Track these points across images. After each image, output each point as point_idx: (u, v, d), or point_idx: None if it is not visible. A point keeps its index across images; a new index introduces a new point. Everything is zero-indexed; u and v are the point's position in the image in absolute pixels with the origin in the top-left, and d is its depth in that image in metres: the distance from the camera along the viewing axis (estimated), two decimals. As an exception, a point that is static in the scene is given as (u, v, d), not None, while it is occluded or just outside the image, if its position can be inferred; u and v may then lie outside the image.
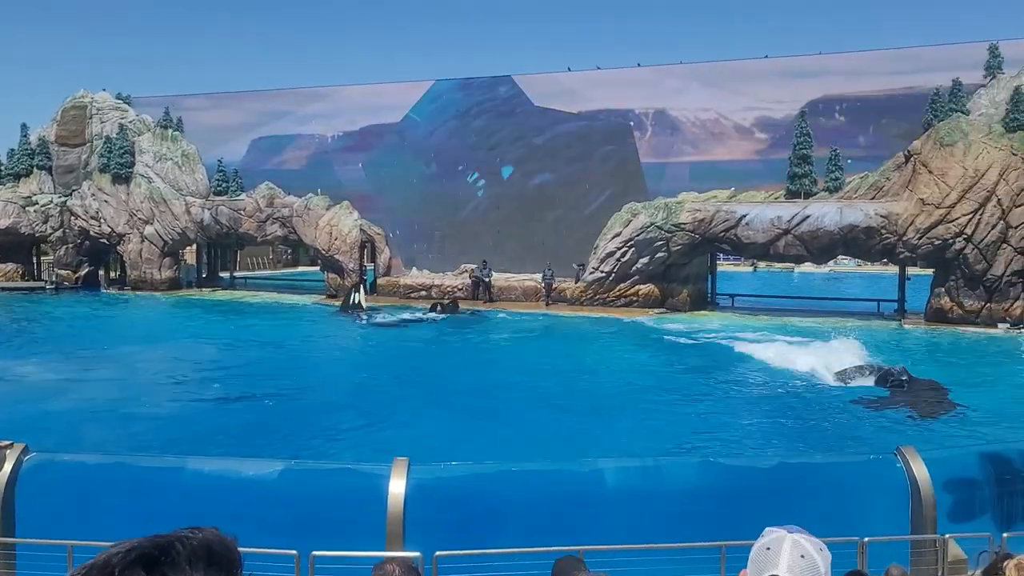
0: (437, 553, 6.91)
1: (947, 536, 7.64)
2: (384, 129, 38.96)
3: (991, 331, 25.69)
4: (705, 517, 7.95)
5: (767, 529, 1.88)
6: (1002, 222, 26.01)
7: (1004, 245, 26.09)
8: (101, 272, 41.92)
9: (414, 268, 37.41)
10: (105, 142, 40.11)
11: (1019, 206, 25.87)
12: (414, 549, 6.81)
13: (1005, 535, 7.01)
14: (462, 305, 32.06)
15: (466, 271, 35.05)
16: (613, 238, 30.74)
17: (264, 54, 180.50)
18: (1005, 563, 2.35)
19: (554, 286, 32.47)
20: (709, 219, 29.31)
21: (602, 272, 31.22)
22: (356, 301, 32.30)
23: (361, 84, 40.76)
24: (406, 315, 30.76)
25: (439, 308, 31.24)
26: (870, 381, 18.16)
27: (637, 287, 31.11)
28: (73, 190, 40.39)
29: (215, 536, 1.05)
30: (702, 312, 31.01)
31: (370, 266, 37.05)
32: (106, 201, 39.32)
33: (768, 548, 1.82)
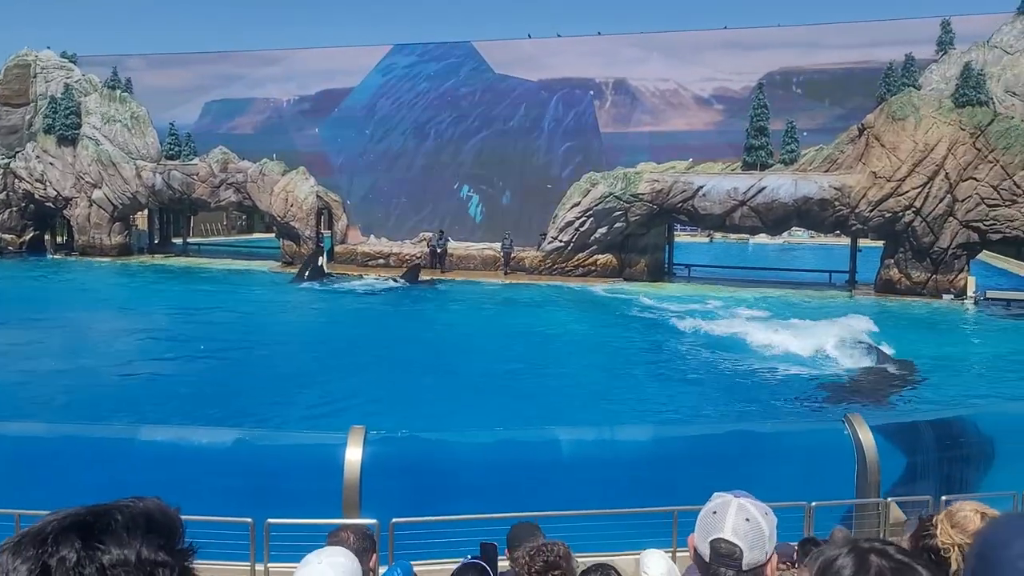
0: (393, 520, 6.95)
1: (889, 499, 7.90)
2: (341, 94, 38.27)
3: (936, 302, 26.44)
4: (658, 483, 8.10)
5: (715, 494, 1.92)
6: (949, 196, 26.64)
7: (950, 218, 26.76)
8: (47, 237, 40.79)
9: (372, 236, 37.06)
10: (50, 102, 38.80)
11: (966, 180, 26.51)
12: (370, 516, 6.83)
13: (944, 498, 7.26)
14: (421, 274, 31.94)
15: (424, 239, 34.85)
16: (572, 208, 30.80)
17: (214, 15, 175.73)
18: (935, 518, 2.43)
19: (513, 255, 32.46)
20: (667, 190, 29.51)
21: (561, 242, 31.31)
22: (321, 264, 32.17)
23: (317, 48, 39.93)
24: (356, 283, 30.65)
25: (398, 279, 31.15)
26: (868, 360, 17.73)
27: (595, 257, 31.27)
28: (16, 152, 39.06)
29: (156, 505, 1.04)
30: (659, 282, 31.30)
31: (327, 233, 36.61)
32: (51, 163, 38.15)
33: (714, 512, 1.87)
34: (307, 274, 31.42)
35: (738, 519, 1.83)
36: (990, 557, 1.15)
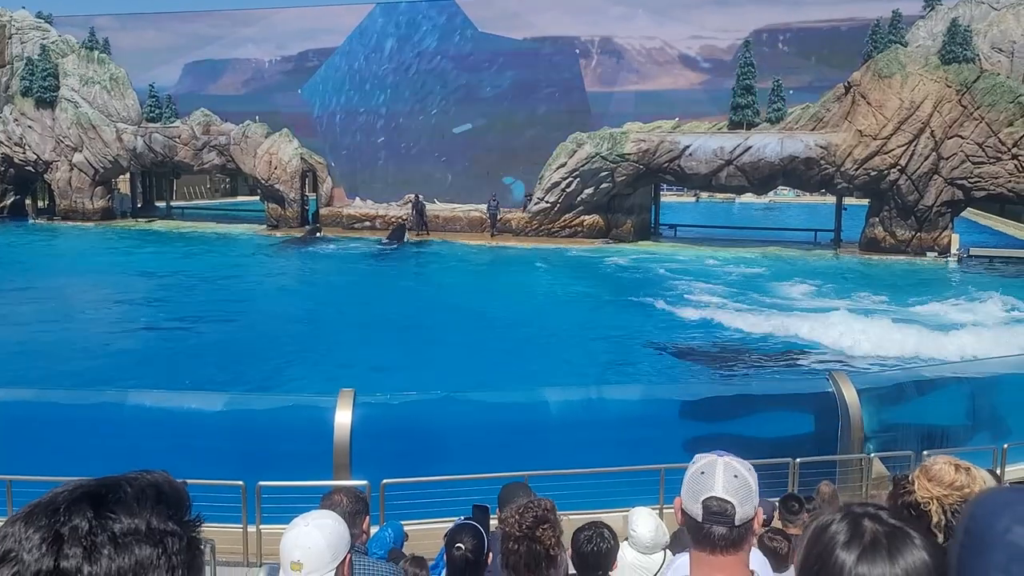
0: (384, 481, 7.02)
1: (872, 455, 8.05)
2: (324, 54, 37.65)
3: (920, 259, 26.65)
4: (646, 443, 8.21)
5: (697, 456, 1.97)
6: (934, 153, 26.68)
7: (935, 176, 26.83)
8: (28, 201, 40.29)
9: (357, 198, 36.81)
10: (26, 64, 38.01)
11: (951, 138, 26.53)
12: (361, 478, 6.89)
13: (925, 452, 7.40)
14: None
15: (409, 200, 34.65)
16: (558, 168, 30.65)
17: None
18: (910, 475, 2.50)
19: (499, 216, 32.34)
20: (653, 150, 29.39)
21: (547, 203, 31.21)
22: (318, 237, 32.44)
23: (297, 7, 39.22)
24: (340, 246, 30.71)
25: (384, 240, 31.23)
26: None
27: (582, 217, 31.22)
28: (-6, 115, 38.37)
29: (164, 478, 1.07)
30: (645, 242, 31.33)
31: (312, 196, 36.34)
32: (30, 126, 37.50)
33: (702, 472, 1.91)
34: (311, 235, 31.89)
35: (727, 477, 1.88)
36: (978, 532, 1.17)
